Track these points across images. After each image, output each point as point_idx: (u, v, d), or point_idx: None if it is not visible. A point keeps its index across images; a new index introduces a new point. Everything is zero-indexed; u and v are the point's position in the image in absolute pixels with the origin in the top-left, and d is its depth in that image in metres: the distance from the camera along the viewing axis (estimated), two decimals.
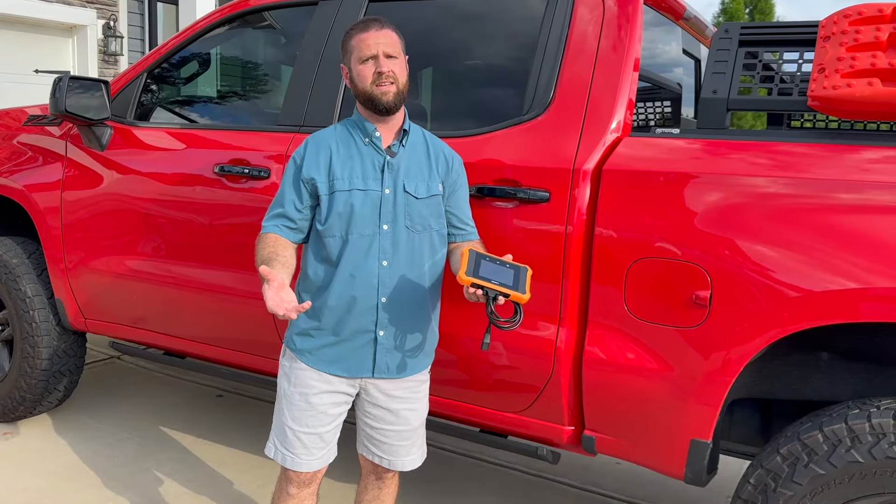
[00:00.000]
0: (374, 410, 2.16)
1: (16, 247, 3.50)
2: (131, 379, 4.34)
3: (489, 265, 1.93)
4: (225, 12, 3.09)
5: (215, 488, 3.09)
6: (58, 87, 2.96)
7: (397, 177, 2.06)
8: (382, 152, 2.08)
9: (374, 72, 2.02)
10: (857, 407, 1.90)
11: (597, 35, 2.30)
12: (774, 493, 1.94)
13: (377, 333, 2.06)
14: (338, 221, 2.03)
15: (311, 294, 2.08)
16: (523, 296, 1.91)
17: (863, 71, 1.97)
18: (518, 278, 1.94)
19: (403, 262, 2.06)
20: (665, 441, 2.13)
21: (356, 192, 2.03)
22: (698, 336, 2.02)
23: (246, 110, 3.24)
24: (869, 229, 1.84)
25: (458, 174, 2.19)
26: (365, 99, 2.06)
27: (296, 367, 2.11)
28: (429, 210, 2.09)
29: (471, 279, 1.89)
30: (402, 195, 2.06)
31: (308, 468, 2.12)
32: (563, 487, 3.31)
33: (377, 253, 2.04)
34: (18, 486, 3.02)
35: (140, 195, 3.03)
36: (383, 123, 2.09)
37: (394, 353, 2.09)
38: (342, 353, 2.08)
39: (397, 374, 2.11)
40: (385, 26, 2.06)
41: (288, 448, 2.12)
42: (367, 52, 2.03)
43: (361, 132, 2.09)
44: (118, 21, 9.12)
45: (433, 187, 2.11)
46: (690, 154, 2.12)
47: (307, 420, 2.10)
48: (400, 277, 2.06)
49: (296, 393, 2.10)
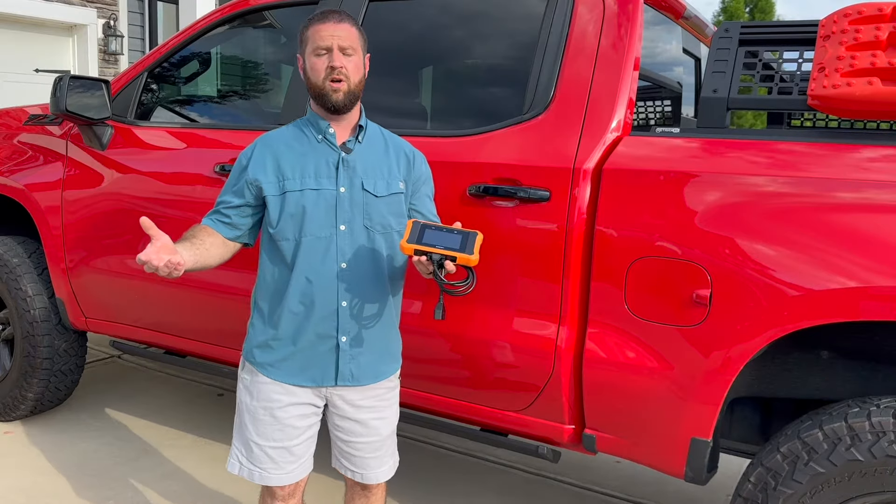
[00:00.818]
0: (343, 423, 2.06)
1: (16, 246, 3.50)
2: (132, 378, 4.34)
3: (434, 233, 1.85)
4: (225, 12, 3.09)
5: (216, 487, 3.10)
6: (58, 87, 2.96)
7: (354, 174, 1.97)
8: (337, 149, 1.98)
9: (327, 66, 1.92)
10: (857, 405, 1.90)
11: (597, 34, 2.30)
12: (775, 491, 1.94)
13: (339, 339, 1.96)
14: (290, 223, 1.94)
15: (269, 301, 2.00)
16: (471, 257, 1.81)
17: (863, 70, 1.97)
18: (465, 241, 1.84)
19: (363, 263, 1.97)
20: (665, 440, 2.13)
21: (308, 191, 1.94)
22: (698, 335, 2.03)
23: (246, 110, 3.24)
24: (869, 228, 1.85)
25: (420, 171, 2.10)
26: (316, 94, 1.96)
27: (257, 381, 2.01)
28: (389, 209, 2.00)
29: (413, 245, 1.81)
30: (359, 193, 1.97)
31: (279, 482, 2.04)
32: (563, 486, 3.31)
33: (335, 255, 1.94)
34: (19, 485, 3.03)
35: (141, 194, 3.03)
36: (337, 120, 2.00)
37: (358, 360, 2.00)
38: (304, 363, 1.98)
39: (362, 382, 2.02)
40: (344, 19, 1.96)
41: (255, 463, 2.03)
42: (322, 43, 1.92)
43: (315, 129, 2.00)
44: (118, 20, 9.13)
45: (393, 185, 2.02)
46: (691, 153, 2.12)
47: (273, 434, 2.01)
48: (361, 280, 1.97)
49: (259, 407, 2.01)
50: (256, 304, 2.05)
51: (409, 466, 3.34)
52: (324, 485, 3.00)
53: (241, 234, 2.04)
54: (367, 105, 2.19)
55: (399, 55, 2.76)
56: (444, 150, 2.42)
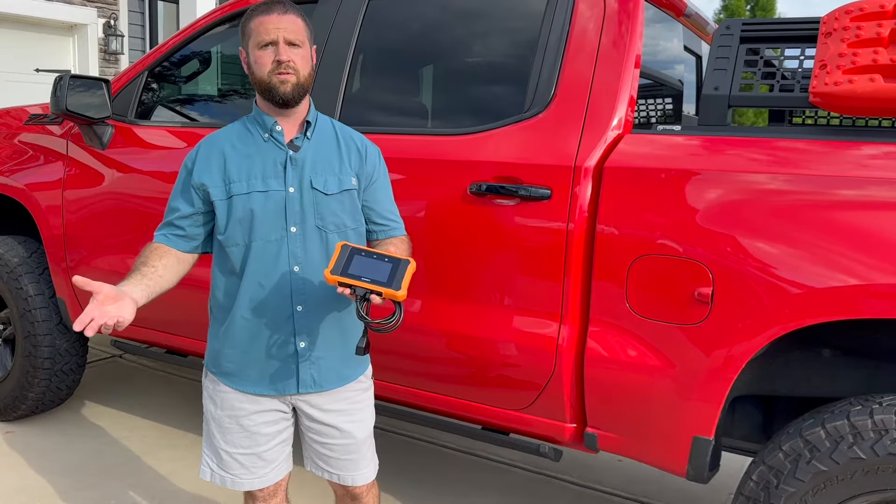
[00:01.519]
0: (314, 426, 1.99)
1: (17, 246, 3.50)
2: (133, 377, 4.34)
3: (363, 260, 1.72)
4: (225, 10, 3.09)
5: (217, 486, 3.09)
6: (59, 86, 2.96)
7: (303, 173, 1.88)
8: (284, 147, 1.89)
9: (273, 59, 1.83)
10: (859, 403, 1.90)
11: (598, 32, 2.30)
12: (777, 489, 1.93)
13: (297, 345, 1.88)
14: (238, 228, 1.86)
15: (222, 309, 1.93)
16: (398, 292, 1.69)
17: (864, 67, 1.97)
18: (395, 273, 1.71)
19: (318, 265, 1.88)
20: (667, 438, 2.13)
21: (255, 194, 1.85)
22: (700, 333, 2.02)
23: (246, 108, 3.23)
24: (870, 226, 1.84)
25: (374, 165, 2.00)
26: (262, 88, 1.87)
27: (219, 390, 1.96)
28: (341, 207, 1.92)
29: (337, 277, 1.70)
30: (309, 192, 1.88)
31: (252, 487, 2.00)
32: (564, 485, 3.31)
33: (287, 258, 1.86)
34: (21, 485, 3.03)
35: (141, 194, 3.03)
36: (285, 116, 1.91)
37: (319, 365, 1.91)
38: (263, 371, 1.91)
39: (325, 387, 1.94)
40: (290, 11, 1.87)
41: (226, 470, 1.99)
42: (267, 36, 1.83)
43: (260, 127, 1.91)
44: (119, 20, 9.12)
45: (345, 181, 1.92)
46: (692, 151, 2.12)
47: (241, 441, 1.96)
48: (316, 282, 1.88)
49: (224, 416, 1.96)
50: (212, 312, 1.99)
51: (411, 465, 3.34)
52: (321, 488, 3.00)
53: (197, 244, 1.95)
54: (368, 104, 2.19)
55: (399, 54, 2.75)
56: (444, 148, 2.42)
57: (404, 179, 2.42)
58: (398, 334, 2.19)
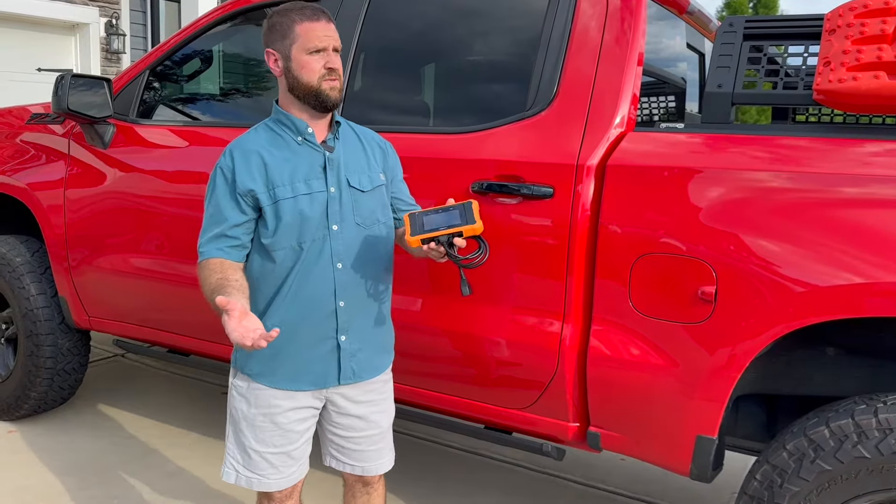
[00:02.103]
0: (344, 420, 2.04)
1: (19, 245, 3.51)
2: (135, 377, 4.34)
3: (432, 216, 1.83)
4: (227, 9, 3.08)
5: (220, 485, 3.09)
6: (60, 86, 2.95)
7: (339, 173, 1.94)
8: (320, 149, 1.94)
9: (323, 65, 1.88)
10: (863, 402, 1.89)
11: (600, 29, 2.29)
12: (780, 489, 1.93)
13: (339, 339, 1.94)
14: (287, 231, 1.89)
15: (262, 309, 1.94)
16: (475, 226, 1.81)
17: (869, 64, 1.95)
18: (464, 213, 1.82)
19: (357, 261, 1.94)
20: (670, 437, 2.12)
21: (301, 197, 1.89)
22: (703, 332, 2.01)
23: (248, 107, 3.23)
24: (874, 224, 1.83)
25: (394, 159, 2.12)
26: (308, 93, 1.90)
27: (254, 388, 1.97)
28: (375, 202, 2.00)
29: (418, 237, 1.80)
30: (347, 191, 1.94)
31: (278, 487, 2.02)
32: (567, 484, 3.30)
33: (329, 256, 1.91)
34: (23, 484, 3.03)
35: (143, 193, 3.03)
36: (316, 119, 1.95)
37: (357, 357, 1.98)
38: (304, 366, 1.95)
39: (363, 378, 2.01)
40: (331, 19, 1.94)
41: (254, 470, 2.00)
42: (319, 43, 1.88)
43: (293, 131, 1.94)
44: (120, 19, 9.12)
45: (375, 178, 2.01)
46: (695, 149, 2.11)
47: (273, 440, 1.97)
48: (356, 278, 1.94)
49: (258, 414, 1.96)
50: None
51: (414, 465, 3.33)
52: (325, 489, 2.99)
53: (248, 251, 1.96)
54: (371, 102, 2.18)
55: (401, 52, 2.75)
56: (447, 146, 2.41)
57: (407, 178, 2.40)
58: (400, 334, 2.19)
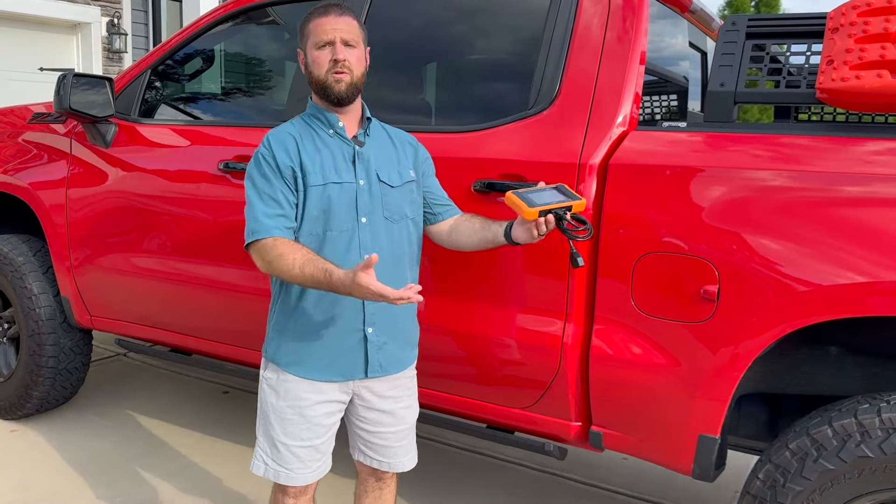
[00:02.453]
0: (370, 415, 2.08)
1: (21, 244, 3.51)
2: (137, 376, 4.35)
3: (539, 193, 1.94)
4: (228, 8, 3.08)
5: (222, 484, 3.09)
6: (62, 85, 2.95)
7: (369, 167, 1.99)
8: (350, 142, 2.00)
9: (330, 59, 1.93)
10: (866, 401, 1.89)
11: (602, 28, 2.28)
12: (783, 488, 1.92)
13: (366, 331, 1.98)
14: (314, 218, 1.94)
15: (292, 298, 1.99)
16: (582, 201, 1.96)
17: (872, 63, 1.95)
18: (564, 191, 1.96)
19: (385, 254, 1.97)
20: (673, 437, 2.12)
21: (332, 185, 1.94)
22: (706, 331, 2.01)
23: (250, 107, 3.23)
24: (877, 223, 1.83)
25: (425, 157, 2.16)
26: (318, 87, 1.97)
27: (283, 380, 2.01)
28: (403, 198, 2.04)
29: (536, 209, 1.88)
30: (376, 185, 1.99)
31: (304, 482, 2.04)
32: (569, 483, 3.30)
33: (357, 248, 1.95)
34: (25, 484, 3.03)
35: (145, 192, 3.03)
36: (344, 114, 2.01)
37: (385, 350, 2.02)
38: (332, 357, 1.98)
39: (390, 372, 2.05)
40: (345, 13, 1.97)
41: (281, 464, 2.03)
42: (325, 37, 1.94)
43: (324, 124, 2.00)
44: (122, 18, 9.13)
45: (405, 174, 2.06)
46: (697, 148, 2.10)
47: (301, 433, 2.01)
48: (383, 271, 1.92)
49: (286, 407, 2.00)
50: (279, 302, 2.03)
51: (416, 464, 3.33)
52: (332, 486, 2.99)
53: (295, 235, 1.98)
54: (372, 101, 2.18)
55: (403, 51, 2.75)
56: (448, 146, 2.41)
57: None
58: None
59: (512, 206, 1.94)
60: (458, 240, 2.14)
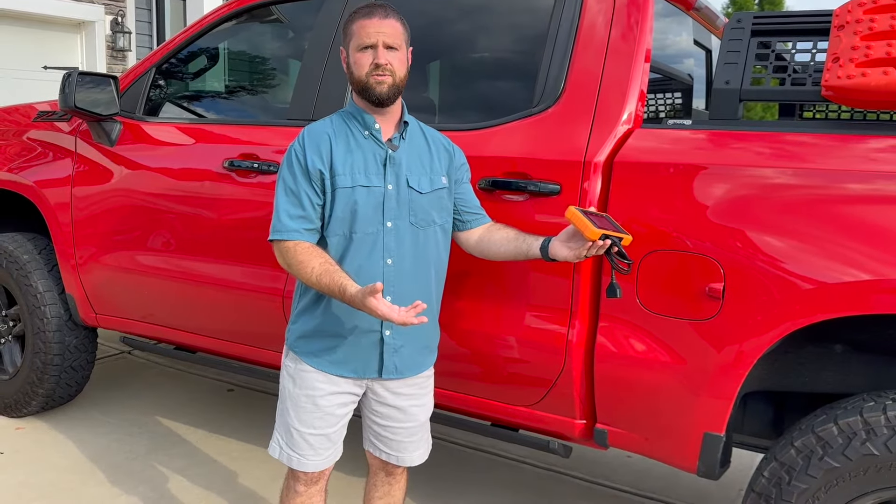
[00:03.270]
0: (382, 409, 2.12)
1: (26, 243, 3.51)
2: (142, 374, 4.35)
3: (600, 218, 1.94)
4: (233, 7, 3.09)
5: (226, 482, 3.10)
6: (67, 83, 2.96)
7: (399, 171, 1.99)
8: (384, 146, 2.00)
9: (371, 62, 1.95)
10: (872, 399, 1.89)
11: (607, 26, 2.28)
12: (789, 486, 1.92)
13: (383, 333, 2.00)
14: (340, 219, 1.96)
15: (314, 293, 2.02)
16: (629, 237, 1.97)
17: (878, 60, 1.94)
18: (614, 222, 1.99)
19: (408, 259, 2.00)
20: (678, 434, 2.12)
21: (359, 188, 1.95)
22: (711, 329, 2.01)
23: (255, 105, 3.23)
24: (882, 220, 1.82)
25: (460, 163, 2.16)
26: (359, 88, 1.98)
27: (300, 369, 2.05)
28: (432, 205, 2.04)
29: (599, 231, 1.88)
30: (405, 190, 1.99)
31: (315, 468, 2.09)
32: (574, 481, 3.30)
33: (381, 251, 1.97)
34: (30, 481, 3.04)
35: (150, 190, 3.03)
36: (382, 115, 2.02)
37: (401, 353, 2.04)
38: (348, 355, 2.02)
39: (405, 375, 2.07)
40: (390, 15, 1.98)
41: (294, 449, 2.07)
42: (368, 40, 1.95)
43: (360, 124, 2.01)
44: (126, 17, 9.13)
45: (436, 181, 2.06)
46: (702, 145, 2.10)
47: (314, 422, 2.05)
48: (406, 275, 2.00)
49: (301, 395, 2.05)
50: (302, 295, 2.06)
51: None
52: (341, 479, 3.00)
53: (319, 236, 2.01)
54: None
55: None
56: None
57: None
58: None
59: (574, 221, 1.90)
60: (487, 248, 2.13)
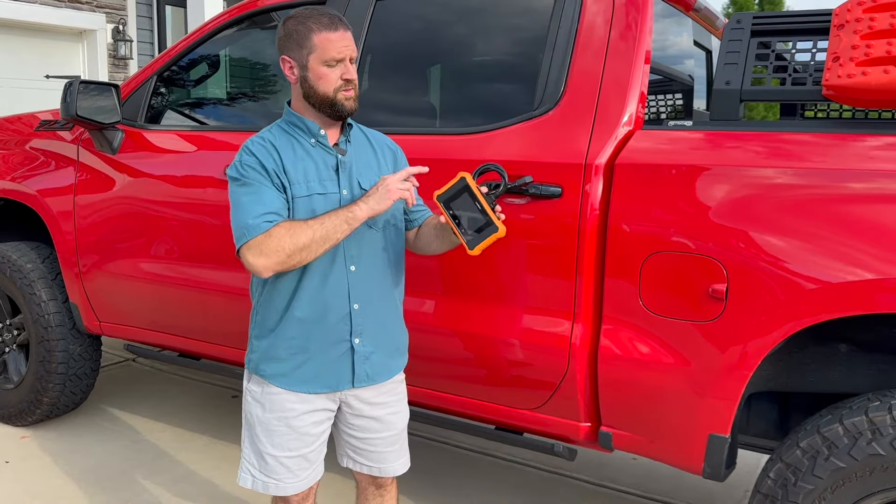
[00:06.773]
0: (359, 422, 2.05)
1: (30, 251, 3.52)
2: (146, 381, 4.36)
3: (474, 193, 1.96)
4: (233, 14, 3.09)
5: (231, 489, 3.10)
6: (69, 92, 2.97)
7: (351, 176, 1.96)
8: (333, 151, 1.95)
9: (340, 77, 1.89)
10: (877, 399, 1.88)
11: (607, 27, 2.28)
12: (794, 486, 1.92)
13: (353, 342, 1.95)
14: None
15: (276, 312, 1.94)
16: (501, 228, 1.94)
17: (878, 59, 1.94)
18: (492, 206, 1.96)
19: (370, 263, 1.96)
20: (683, 436, 2.11)
21: (316, 196, 1.89)
22: (715, 330, 2.01)
23: (255, 112, 3.24)
24: (885, 219, 1.82)
25: (404, 163, 2.11)
26: (324, 103, 1.90)
27: (268, 392, 1.97)
28: None
29: (437, 195, 1.91)
30: (359, 194, 1.93)
31: (295, 491, 2.02)
32: (579, 484, 3.29)
33: (343, 258, 1.92)
34: (35, 490, 3.04)
35: (152, 198, 3.04)
36: (328, 123, 1.96)
37: (371, 360, 1.98)
38: (318, 370, 1.95)
39: (377, 381, 2.01)
40: (348, 27, 1.92)
41: (270, 475, 2.00)
42: (337, 55, 1.88)
43: (305, 133, 1.94)
44: (127, 25, 9.15)
45: None
46: (704, 146, 2.10)
47: (289, 444, 1.98)
48: (369, 280, 1.96)
49: (273, 419, 1.97)
50: (260, 315, 1.99)
51: (425, 466, 3.33)
52: (333, 489, 2.99)
53: None
54: (378, 103, 2.18)
55: (407, 53, 2.75)
56: (453, 147, 2.41)
57: None
58: (410, 336, 2.19)
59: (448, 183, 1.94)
60: (427, 245, 2.07)
